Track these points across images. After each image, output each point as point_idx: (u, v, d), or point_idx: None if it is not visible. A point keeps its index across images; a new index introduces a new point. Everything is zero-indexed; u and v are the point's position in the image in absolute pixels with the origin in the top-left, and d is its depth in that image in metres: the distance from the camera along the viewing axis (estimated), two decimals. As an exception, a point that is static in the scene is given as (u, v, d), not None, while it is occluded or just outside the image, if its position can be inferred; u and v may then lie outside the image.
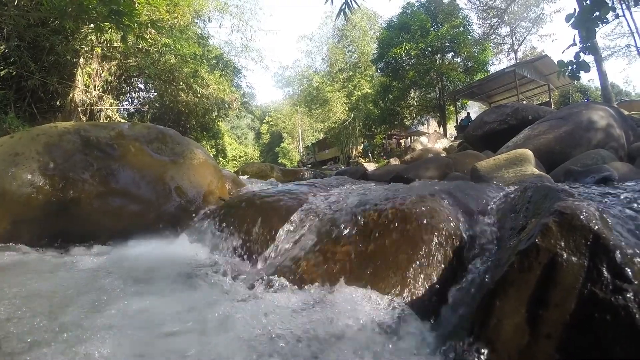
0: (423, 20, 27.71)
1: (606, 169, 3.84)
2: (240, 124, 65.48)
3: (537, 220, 1.50)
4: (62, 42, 13.32)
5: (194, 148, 4.59)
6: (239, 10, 28.83)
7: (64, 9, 7.38)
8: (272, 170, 9.23)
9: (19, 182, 3.38)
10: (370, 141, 34.73)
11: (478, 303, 1.46)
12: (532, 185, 2.16)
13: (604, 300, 1.19)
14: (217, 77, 23.11)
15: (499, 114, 9.72)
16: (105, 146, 3.93)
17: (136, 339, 1.62)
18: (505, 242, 1.78)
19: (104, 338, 1.60)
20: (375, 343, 1.58)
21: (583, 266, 1.27)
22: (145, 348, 1.57)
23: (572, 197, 1.63)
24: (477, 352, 1.34)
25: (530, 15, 36.46)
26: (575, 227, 1.32)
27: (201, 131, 24.89)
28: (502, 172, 4.25)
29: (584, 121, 6.07)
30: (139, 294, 2.14)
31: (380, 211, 2.40)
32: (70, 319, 1.78)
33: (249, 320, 1.78)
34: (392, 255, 2.09)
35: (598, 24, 4.60)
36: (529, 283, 1.32)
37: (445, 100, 28.88)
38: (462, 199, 2.53)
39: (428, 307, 1.80)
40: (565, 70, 4.89)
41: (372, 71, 37.36)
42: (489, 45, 30.84)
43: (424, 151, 16.60)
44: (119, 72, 17.64)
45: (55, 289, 2.19)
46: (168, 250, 3.24)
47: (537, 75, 24.47)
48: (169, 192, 3.97)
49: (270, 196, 3.52)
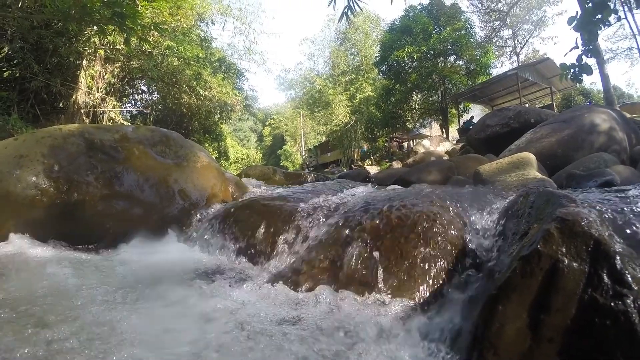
0: (425, 23, 27.68)
1: (608, 173, 3.85)
2: (243, 126, 65.48)
3: (539, 226, 1.51)
4: (66, 44, 13.36)
5: (197, 151, 4.61)
6: (242, 13, 28.85)
7: (68, 11, 7.41)
8: (275, 173, 9.22)
9: (24, 184, 3.40)
10: (372, 144, 34.71)
11: (481, 308, 1.47)
12: (534, 190, 2.17)
13: (604, 306, 1.21)
14: (220, 80, 23.12)
15: (501, 117, 9.72)
16: (109, 149, 3.95)
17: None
18: (508, 248, 1.79)
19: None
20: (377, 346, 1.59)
21: (584, 272, 1.28)
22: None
23: (574, 203, 1.64)
24: (479, 357, 1.35)
25: (532, 18, 36.40)
26: (577, 234, 1.33)
27: (204, 134, 24.92)
28: (505, 176, 4.26)
29: (586, 124, 6.06)
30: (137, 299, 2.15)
31: (381, 216, 2.41)
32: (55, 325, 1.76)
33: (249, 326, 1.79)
34: (395, 260, 2.10)
35: (600, 27, 4.59)
36: (531, 288, 1.33)
37: (447, 103, 28.85)
38: (464, 203, 2.54)
39: (431, 312, 1.81)
40: (568, 73, 4.89)
41: (374, 74, 37.31)
42: (491, 48, 30.78)
43: (426, 154, 16.56)
44: (121, 74, 17.67)
45: (49, 292, 2.19)
46: (171, 253, 3.25)
47: (539, 78, 24.42)
48: (173, 195, 3.99)
49: (273, 200, 3.53)
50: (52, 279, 2.43)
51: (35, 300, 2.00)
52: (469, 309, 1.65)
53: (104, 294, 2.17)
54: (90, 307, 1.95)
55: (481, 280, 1.77)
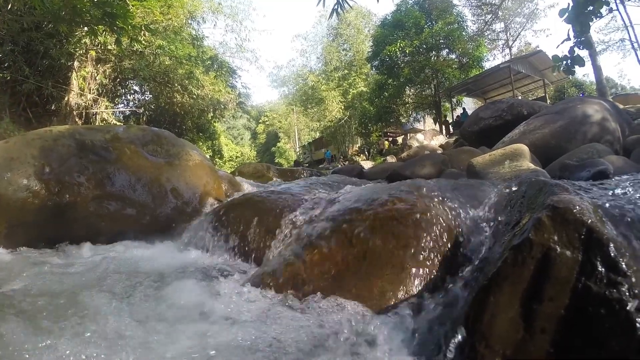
0: (417, 17, 27.73)
1: (601, 163, 3.86)
2: (237, 124, 65.44)
3: (531, 215, 1.50)
4: (56, 45, 13.32)
5: (189, 149, 4.59)
6: (233, 11, 28.87)
7: (58, 12, 7.38)
8: (269, 170, 9.22)
9: (15, 186, 3.38)
10: (366, 139, 34.78)
11: (472, 298, 1.46)
12: (526, 180, 2.17)
13: (598, 294, 1.19)
14: (212, 78, 23.12)
15: (494, 109, 9.76)
16: (100, 149, 3.93)
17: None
18: (500, 238, 1.78)
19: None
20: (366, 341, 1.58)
21: (577, 260, 1.27)
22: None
23: (567, 191, 1.64)
24: (471, 348, 1.34)
25: (524, 10, 36.53)
26: (569, 221, 1.32)
27: (197, 132, 24.93)
28: (498, 167, 4.26)
29: (579, 115, 6.08)
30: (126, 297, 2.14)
31: (374, 209, 2.40)
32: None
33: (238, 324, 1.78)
34: (388, 253, 2.09)
35: (592, 19, 4.60)
36: (523, 278, 1.32)
37: (440, 97, 28.93)
38: (456, 195, 2.53)
39: (423, 304, 1.80)
40: (560, 65, 4.90)
41: (367, 69, 37.41)
42: (483, 42, 30.86)
43: (420, 148, 16.62)
44: (113, 75, 17.63)
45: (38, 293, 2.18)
46: (164, 252, 3.24)
47: (532, 71, 24.53)
48: (165, 194, 3.97)
49: (266, 197, 3.51)
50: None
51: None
52: (460, 300, 1.65)
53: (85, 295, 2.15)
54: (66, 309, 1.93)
55: (473, 271, 1.76)
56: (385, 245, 2.13)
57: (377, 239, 2.18)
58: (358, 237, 2.26)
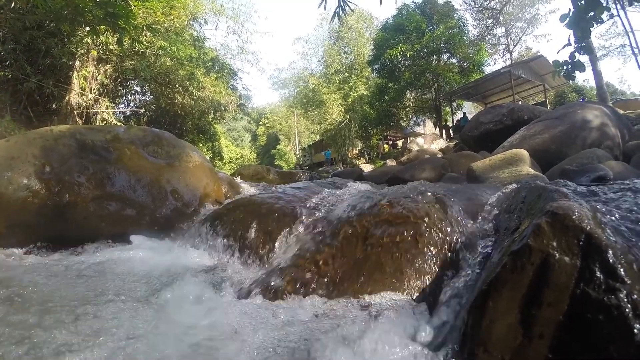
0: (418, 21, 27.80)
1: (601, 168, 3.86)
2: (237, 126, 65.50)
3: (530, 221, 1.50)
4: (58, 44, 13.32)
5: (189, 151, 4.59)
6: (235, 13, 28.96)
7: (60, 11, 7.39)
8: (269, 173, 9.21)
9: (15, 186, 3.37)
10: (366, 142, 34.81)
11: (471, 304, 1.47)
12: (526, 185, 2.17)
13: (596, 300, 1.20)
14: (213, 80, 23.13)
15: (494, 114, 9.77)
16: (101, 149, 3.92)
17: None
18: (499, 243, 1.79)
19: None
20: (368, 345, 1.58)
21: (576, 266, 1.27)
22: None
23: (566, 197, 1.64)
24: (470, 353, 1.34)
25: (525, 15, 36.61)
26: (568, 227, 1.32)
27: (198, 134, 24.92)
28: (498, 172, 4.27)
29: (579, 121, 6.09)
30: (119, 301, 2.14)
31: (374, 215, 2.41)
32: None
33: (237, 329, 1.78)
34: (388, 258, 2.09)
35: (593, 24, 4.62)
36: (522, 283, 1.33)
37: (441, 101, 28.96)
38: (456, 199, 2.53)
39: (421, 310, 1.80)
40: (561, 70, 4.91)
41: (368, 72, 37.47)
42: (484, 46, 30.91)
43: (420, 152, 16.64)
44: (114, 75, 17.60)
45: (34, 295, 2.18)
46: (162, 254, 3.22)
47: (532, 76, 24.56)
48: (165, 195, 3.97)
49: (266, 199, 3.51)
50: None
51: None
52: (459, 306, 1.65)
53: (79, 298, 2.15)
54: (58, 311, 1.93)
55: (472, 277, 1.76)
56: (385, 249, 2.13)
57: (376, 243, 2.18)
58: (358, 242, 2.26)
